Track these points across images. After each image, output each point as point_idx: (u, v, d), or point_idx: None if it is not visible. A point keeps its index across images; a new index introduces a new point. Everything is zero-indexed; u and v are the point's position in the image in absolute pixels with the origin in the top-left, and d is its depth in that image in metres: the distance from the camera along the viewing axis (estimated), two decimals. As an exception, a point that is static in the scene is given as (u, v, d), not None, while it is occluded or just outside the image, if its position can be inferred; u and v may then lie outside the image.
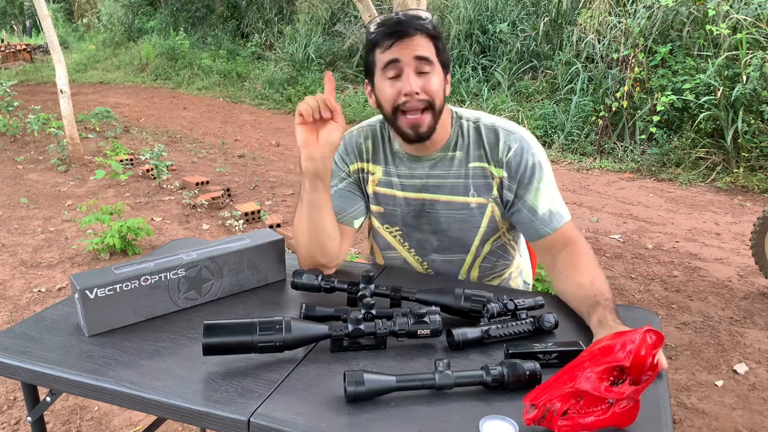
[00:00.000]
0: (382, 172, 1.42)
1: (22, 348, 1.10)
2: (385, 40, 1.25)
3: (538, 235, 1.33)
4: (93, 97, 9.62)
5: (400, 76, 1.25)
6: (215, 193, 4.83)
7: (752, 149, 5.25)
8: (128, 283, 1.16)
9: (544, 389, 0.87)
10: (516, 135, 1.34)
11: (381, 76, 1.28)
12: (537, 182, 1.32)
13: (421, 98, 1.25)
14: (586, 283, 1.19)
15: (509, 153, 1.32)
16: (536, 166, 1.32)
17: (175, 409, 0.95)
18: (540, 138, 6.41)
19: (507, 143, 1.32)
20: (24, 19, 18.59)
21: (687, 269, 3.54)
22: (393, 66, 1.25)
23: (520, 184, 1.32)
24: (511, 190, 1.33)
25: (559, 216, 1.31)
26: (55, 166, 5.86)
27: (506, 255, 1.48)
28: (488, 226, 1.39)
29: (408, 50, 1.23)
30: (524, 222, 1.34)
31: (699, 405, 2.33)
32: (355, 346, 1.08)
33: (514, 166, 1.32)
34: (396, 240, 1.47)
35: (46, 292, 3.29)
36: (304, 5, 11.05)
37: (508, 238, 1.46)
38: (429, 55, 1.25)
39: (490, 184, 1.35)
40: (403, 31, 1.24)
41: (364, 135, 1.44)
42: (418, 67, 1.24)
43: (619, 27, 6.52)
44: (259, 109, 8.81)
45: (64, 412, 2.32)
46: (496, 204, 1.37)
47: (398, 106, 1.26)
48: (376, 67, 1.29)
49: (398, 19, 1.25)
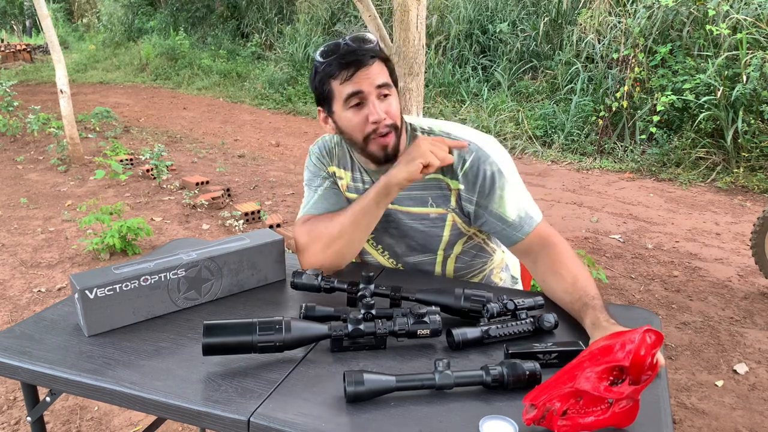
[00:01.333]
0: (350, 178, 1.44)
1: (22, 348, 1.10)
2: (342, 71, 1.24)
3: (513, 242, 1.33)
4: (93, 97, 9.62)
5: (362, 104, 1.25)
6: (215, 193, 4.83)
7: (752, 149, 5.25)
8: (128, 283, 1.16)
9: (544, 389, 0.87)
10: (470, 146, 1.31)
11: (343, 106, 1.27)
12: (499, 191, 1.30)
13: (387, 123, 1.26)
14: (569, 286, 1.20)
15: (465, 165, 1.30)
16: (495, 175, 1.30)
17: (175, 409, 0.95)
18: (540, 138, 6.41)
19: (461, 155, 1.31)
20: (24, 19, 18.59)
21: (687, 269, 3.54)
22: (356, 96, 1.25)
23: (481, 194, 1.31)
24: (471, 202, 1.32)
25: (529, 219, 1.31)
26: (55, 166, 5.86)
27: (482, 253, 1.49)
28: (451, 234, 1.39)
29: (369, 80, 1.24)
30: (496, 231, 1.34)
31: (699, 405, 2.33)
32: (355, 346, 1.08)
33: (471, 179, 1.30)
34: (369, 244, 1.50)
35: (46, 292, 3.29)
36: (304, 5, 11.05)
37: (481, 237, 1.46)
38: (387, 80, 1.27)
39: (447, 195, 1.35)
40: (360, 61, 1.23)
41: (335, 141, 1.47)
42: (379, 93, 1.25)
43: (619, 27, 6.52)
44: (259, 109, 8.82)
45: (64, 412, 2.32)
46: (455, 214, 1.36)
47: (368, 134, 1.27)
48: (334, 97, 1.28)
49: (350, 49, 1.24)
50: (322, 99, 1.32)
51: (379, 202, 1.28)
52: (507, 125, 6.65)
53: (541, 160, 6.03)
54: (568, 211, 4.56)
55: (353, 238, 1.33)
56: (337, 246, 1.33)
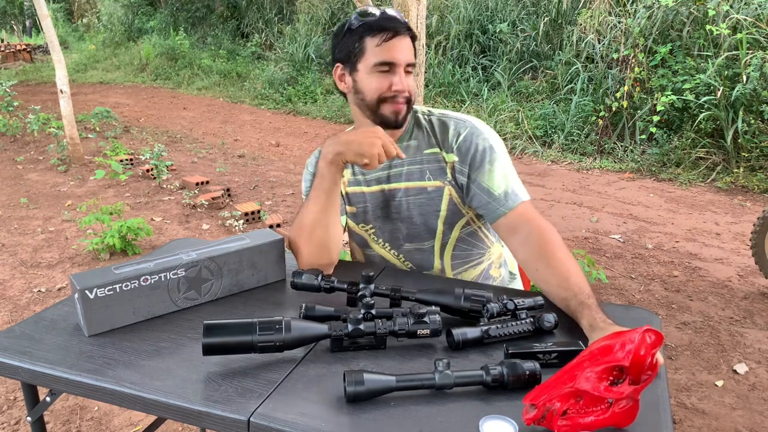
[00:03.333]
0: (350, 173, 1.50)
1: (22, 348, 1.10)
2: (382, 32, 1.31)
3: (496, 216, 1.35)
4: (93, 97, 9.62)
5: (389, 72, 1.33)
6: (215, 193, 4.83)
7: (752, 149, 5.25)
8: (128, 283, 1.16)
9: (544, 389, 0.87)
10: (466, 122, 1.42)
11: (371, 68, 1.34)
12: (489, 164, 1.37)
13: (405, 95, 1.36)
14: (563, 281, 1.19)
15: (459, 138, 1.40)
16: (487, 150, 1.38)
17: (175, 409, 0.95)
18: (540, 138, 6.41)
19: (457, 130, 1.41)
20: (24, 19, 18.59)
21: (687, 269, 3.54)
22: (387, 65, 1.33)
23: (472, 166, 1.38)
24: (463, 173, 1.40)
25: (514, 196, 1.35)
26: (55, 166, 5.86)
27: (479, 243, 1.51)
28: (449, 209, 1.43)
29: (403, 54, 1.33)
30: (483, 204, 1.38)
31: (699, 405, 2.33)
32: (355, 346, 1.08)
33: (464, 150, 1.39)
34: (371, 238, 1.52)
35: (46, 292, 3.29)
36: (304, 5, 11.05)
37: (477, 225, 1.49)
38: (413, 60, 1.38)
39: (443, 167, 1.42)
40: (398, 30, 1.32)
41: None
42: (407, 69, 1.36)
43: (619, 27, 6.52)
44: (259, 109, 8.82)
45: (64, 412, 2.32)
46: (451, 186, 1.42)
47: (386, 97, 1.35)
48: (364, 56, 1.34)
49: (390, 16, 1.34)
50: (347, 56, 1.37)
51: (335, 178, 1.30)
52: (507, 125, 6.65)
53: (541, 160, 6.03)
54: (568, 211, 4.56)
55: (326, 223, 1.34)
56: (316, 235, 1.34)
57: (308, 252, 1.35)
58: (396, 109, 1.35)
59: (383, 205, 1.47)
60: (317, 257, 1.35)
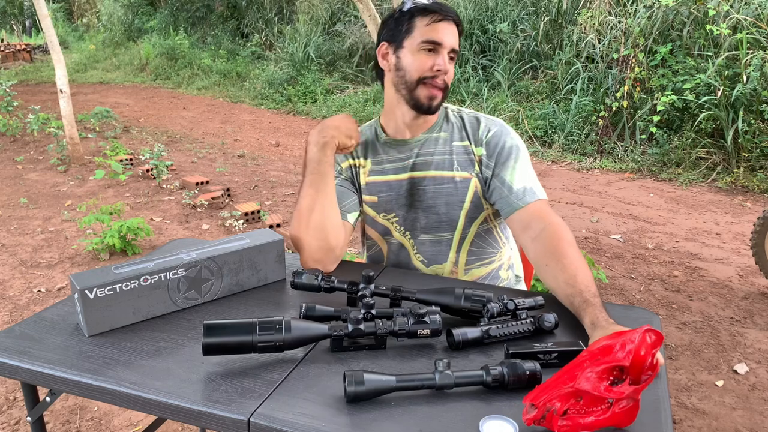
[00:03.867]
0: (372, 162, 1.52)
1: (22, 348, 1.10)
2: (431, 13, 1.37)
3: (513, 209, 1.38)
4: (93, 97, 9.62)
5: (434, 52, 1.37)
6: (215, 193, 4.83)
7: (752, 149, 5.25)
8: (128, 283, 1.16)
9: (544, 389, 0.87)
10: (496, 122, 1.49)
11: (417, 46, 1.38)
12: (513, 161, 1.42)
13: (444, 79, 1.40)
14: (570, 278, 1.19)
15: (489, 134, 1.46)
16: (513, 148, 1.44)
17: (175, 409, 0.95)
18: (540, 138, 6.42)
19: (487, 126, 1.47)
20: (24, 19, 18.59)
21: (687, 269, 3.54)
22: (434, 44, 1.37)
23: (497, 162, 1.43)
24: (489, 167, 1.44)
25: (532, 192, 1.39)
26: (54, 166, 5.86)
27: (493, 242, 1.53)
28: (472, 202, 1.46)
29: (451, 38, 1.38)
30: (501, 198, 1.41)
31: (699, 405, 2.33)
32: (355, 346, 1.08)
33: (493, 146, 1.44)
34: (393, 226, 1.53)
35: (46, 292, 3.29)
36: (304, 5, 11.05)
37: (494, 223, 1.52)
38: (457, 47, 1.42)
39: (472, 159, 1.46)
40: (449, 16, 1.38)
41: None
42: (451, 55, 1.40)
43: (619, 27, 6.52)
44: (259, 109, 8.82)
45: (64, 412, 2.32)
46: (478, 179, 1.46)
47: (425, 78, 1.38)
48: (412, 34, 1.38)
49: (441, 3, 1.39)
50: (395, 34, 1.42)
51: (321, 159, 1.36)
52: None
53: (541, 160, 6.03)
54: (568, 211, 4.56)
55: (322, 205, 1.36)
56: (314, 219, 1.35)
57: (308, 238, 1.35)
58: (432, 93, 1.39)
59: (408, 194, 1.48)
60: (317, 240, 1.35)
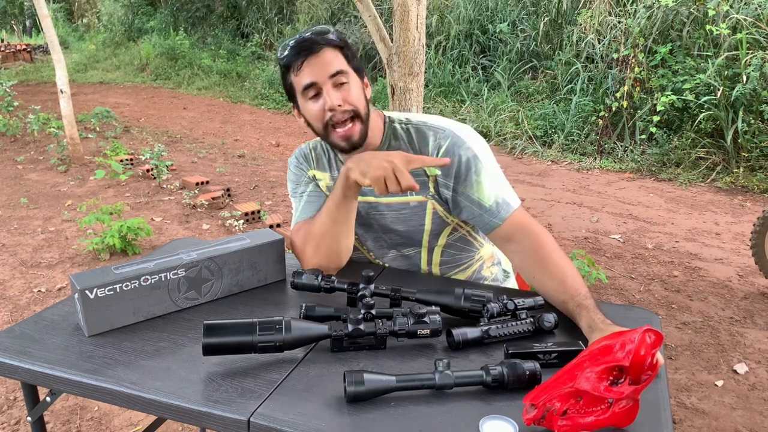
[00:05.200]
0: (329, 178, 1.45)
1: (22, 348, 1.10)
2: (294, 60, 1.26)
3: (490, 227, 1.32)
4: (93, 97, 9.62)
5: (320, 95, 1.27)
6: (215, 193, 4.83)
7: (752, 149, 5.25)
8: (128, 283, 1.16)
9: (544, 389, 0.87)
10: (446, 132, 1.34)
11: (303, 98, 1.30)
12: (475, 176, 1.31)
13: (345, 109, 1.27)
14: (559, 284, 1.19)
15: (440, 151, 1.33)
16: (471, 160, 1.31)
17: (175, 409, 0.95)
18: (540, 138, 6.41)
19: (437, 141, 1.33)
20: (24, 19, 18.58)
21: (687, 269, 3.54)
22: (311, 88, 1.27)
23: (457, 180, 1.32)
24: (449, 187, 1.34)
25: (506, 205, 1.31)
26: (55, 166, 5.86)
27: (468, 247, 1.48)
28: (434, 222, 1.40)
29: (320, 69, 1.25)
30: (474, 217, 1.34)
31: (699, 405, 2.33)
32: (355, 346, 1.08)
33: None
34: (356, 242, 1.50)
35: (46, 292, 3.29)
36: (304, 5, 11.05)
37: (466, 229, 1.46)
38: (341, 67, 1.26)
39: (425, 181, 1.36)
40: (310, 48, 1.24)
41: (312, 146, 1.49)
42: (335, 81, 1.26)
43: (619, 27, 6.52)
44: (259, 109, 8.82)
45: (64, 412, 2.32)
46: (435, 200, 1.37)
47: (327, 122, 1.28)
48: (295, 90, 1.30)
49: (301, 39, 1.27)
50: (289, 94, 1.34)
51: (346, 194, 1.27)
52: (507, 125, 6.65)
53: (541, 160, 6.03)
54: (568, 211, 4.56)
55: (336, 234, 1.32)
56: (324, 245, 1.33)
57: (317, 260, 1.34)
58: (343, 135, 1.28)
59: (365, 216, 1.43)
60: (326, 263, 1.34)
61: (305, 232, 1.36)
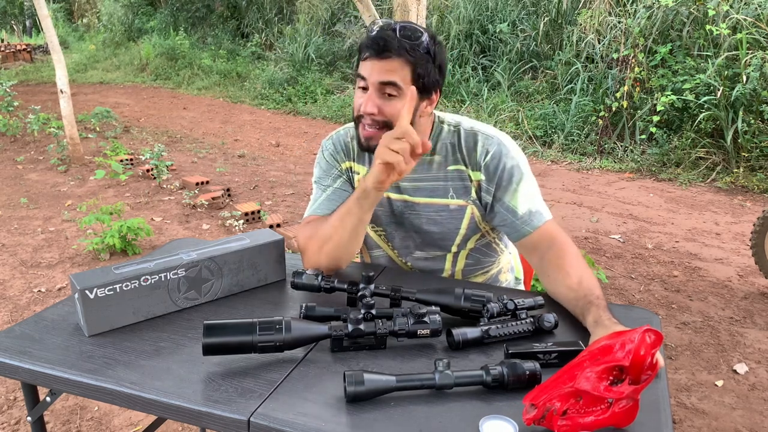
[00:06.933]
0: (367, 171, 1.43)
1: (22, 348, 1.10)
2: (365, 50, 1.26)
3: (520, 235, 1.34)
4: (93, 97, 9.62)
5: (367, 89, 1.26)
6: (215, 193, 4.83)
7: (752, 149, 5.25)
8: (128, 283, 1.16)
9: (544, 389, 0.87)
10: (494, 139, 1.36)
11: (357, 81, 1.30)
12: (515, 184, 1.34)
13: (376, 119, 1.25)
14: (575, 284, 1.20)
15: (487, 157, 1.35)
16: (514, 169, 1.34)
17: (175, 409, 0.95)
18: (540, 138, 6.41)
19: (485, 147, 1.35)
20: (24, 19, 18.58)
21: (687, 269, 3.54)
22: (363, 81, 1.27)
23: (498, 186, 1.35)
24: (489, 192, 1.36)
25: (539, 215, 1.34)
26: (55, 166, 5.86)
27: (491, 252, 1.50)
28: (468, 227, 1.41)
29: (376, 72, 1.23)
30: (506, 223, 1.36)
31: (699, 405, 2.33)
32: (355, 346, 1.08)
33: (492, 170, 1.35)
34: (381, 239, 1.50)
35: (46, 292, 3.29)
36: (304, 5, 11.05)
37: (492, 236, 1.48)
38: (397, 80, 1.23)
39: (468, 186, 1.38)
40: (381, 49, 1.22)
41: (351, 135, 1.47)
42: (382, 90, 1.24)
43: (619, 27, 6.52)
44: (259, 109, 8.82)
45: (64, 412, 2.32)
46: (475, 206, 1.39)
47: (359, 117, 1.30)
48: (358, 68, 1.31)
49: (380, 35, 1.23)
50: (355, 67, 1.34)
51: (361, 204, 1.25)
52: (507, 125, 6.65)
53: (541, 160, 6.03)
54: (568, 211, 4.56)
55: (342, 240, 1.30)
56: (328, 248, 1.32)
57: (317, 259, 1.34)
58: (366, 135, 1.28)
59: (399, 214, 1.43)
60: (326, 264, 1.34)
61: (312, 229, 1.36)
